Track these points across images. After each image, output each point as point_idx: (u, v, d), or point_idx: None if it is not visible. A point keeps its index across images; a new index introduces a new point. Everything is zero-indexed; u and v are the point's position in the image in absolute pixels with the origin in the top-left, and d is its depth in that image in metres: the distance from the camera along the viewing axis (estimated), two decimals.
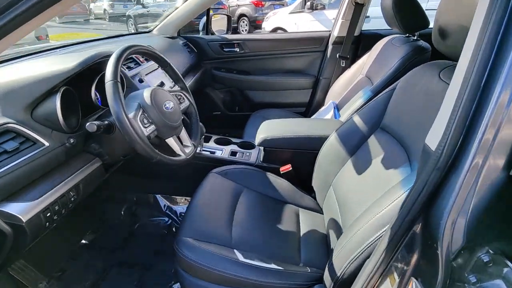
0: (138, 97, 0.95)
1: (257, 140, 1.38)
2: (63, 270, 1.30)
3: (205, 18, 2.16)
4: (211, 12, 2.13)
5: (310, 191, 1.34)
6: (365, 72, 1.76)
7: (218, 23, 2.30)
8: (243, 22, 9.86)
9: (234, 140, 1.62)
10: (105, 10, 12.16)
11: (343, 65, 1.98)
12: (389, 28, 2.05)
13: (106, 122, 0.89)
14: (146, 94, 0.95)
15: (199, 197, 1.18)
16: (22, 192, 0.78)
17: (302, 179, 1.37)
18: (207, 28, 2.15)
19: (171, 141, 1.00)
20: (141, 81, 1.28)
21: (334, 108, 1.81)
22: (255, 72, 2.22)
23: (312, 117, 1.98)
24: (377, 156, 1.01)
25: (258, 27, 9.09)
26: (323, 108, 1.95)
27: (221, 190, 1.23)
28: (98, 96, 1.17)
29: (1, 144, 0.75)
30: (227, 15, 2.28)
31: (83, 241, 1.44)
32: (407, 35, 1.58)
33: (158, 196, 1.60)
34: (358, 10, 1.81)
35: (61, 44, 1.46)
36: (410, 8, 1.40)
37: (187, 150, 1.06)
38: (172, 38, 1.99)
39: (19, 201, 0.75)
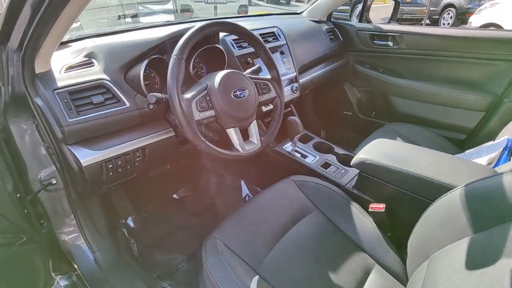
0: (211, 77, 0.89)
1: (353, 160, 1.09)
2: (149, 213, 1.51)
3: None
4: None
5: (401, 248, 0.96)
6: None
7: (381, 10, 1.94)
8: (448, 14, 8.21)
9: (337, 149, 1.36)
10: None
11: None
12: None
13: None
14: (218, 76, 0.88)
15: (260, 200, 1.06)
16: (94, 140, 0.89)
17: (395, 228, 1.00)
18: (362, 13, 1.84)
19: (231, 132, 0.90)
20: (247, 62, 1.22)
21: (506, 149, 1.20)
22: (408, 75, 1.75)
23: (469, 151, 1.40)
24: None
25: (466, 21, 7.35)
26: (489, 143, 1.34)
27: (287, 201, 1.06)
28: (204, 69, 1.21)
29: (91, 96, 0.88)
30: (395, 0, 1.87)
31: (175, 196, 1.62)
32: None
33: (242, 182, 1.58)
34: None
35: (205, 19, 1.59)
36: None
37: (248, 147, 0.94)
38: (319, 22, 1.82)
39: (87, 148, 0.87)
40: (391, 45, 1.72)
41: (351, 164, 1.10)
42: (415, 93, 1.73)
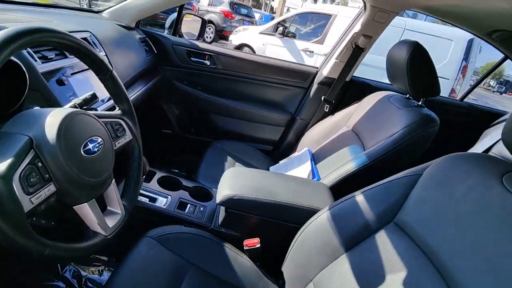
0: (33, 123, 0.50)
1: (218, 197, 1.00)
2: None
3: (175, 14, 1.74)
4: (183, 10, 1.72)
5: (278, 278, 0.99)
6: (351, 125, 1.52)
7: (189, 25, 1.91)
8: (209, 29, 9.55)
9: (185, 182, 1.21)
10: None
11: (327, 110, 1.73)
12: (379, 81, 1.90)
13: None
14: (51, 121, 0.51)
15: (123, 275, 0.75)
16: None
17: (271, 259, 1.02)
18: (175, 27, 1.73)
19: (85, 210, 0.56)
20: (61, 83, 0.81)
21: (312, 159, 1.53)
22: (225, 94, 1.84)
23: (283, 161, 1.67)
24: (391, 266, 0.71)
25: (224, 38, 8.87)
26: (296, 154, 1.66)
27: (156, 268, 0.82)
28: None
29: None
30: (202, 18, 1.90)
31: None
32: (407, 96, 1.38)
33: None
34: (356, 53, 1.58)
35: None
36: (426, 70, 1.20)
37: (111, 222, 0.63)
38: (128, 28, 1.53)
39: None
40: (208, 64, 1.74)
41: (217, 202, 1.00)
42: (231, 111, 1.85)
